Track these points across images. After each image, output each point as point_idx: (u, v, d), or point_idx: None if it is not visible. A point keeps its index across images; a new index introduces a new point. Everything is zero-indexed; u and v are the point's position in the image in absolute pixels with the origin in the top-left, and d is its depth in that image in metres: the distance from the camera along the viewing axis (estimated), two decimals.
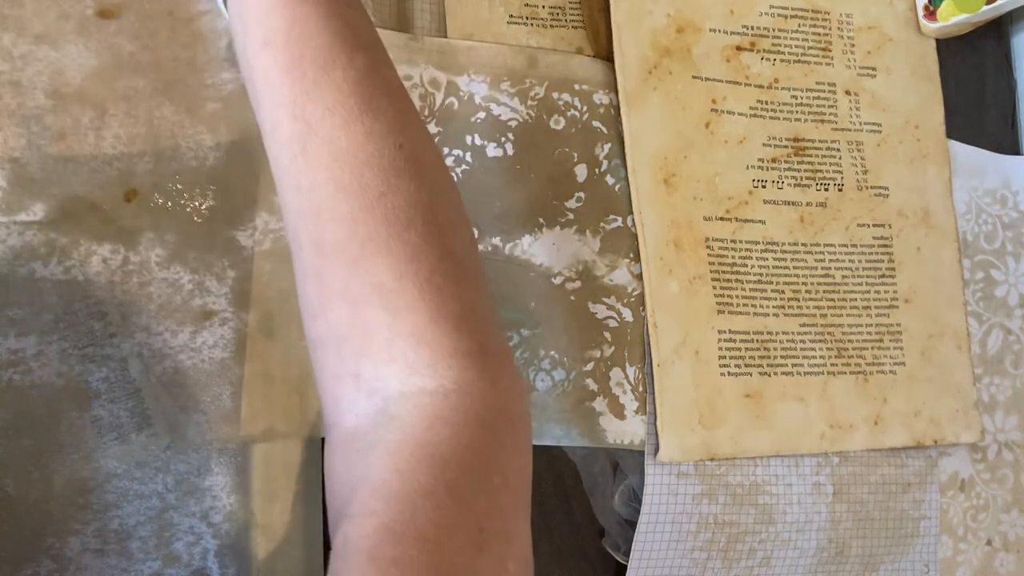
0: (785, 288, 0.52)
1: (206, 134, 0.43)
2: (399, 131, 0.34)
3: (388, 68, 0.36)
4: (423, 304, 0.32)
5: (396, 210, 0.32)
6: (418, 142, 0.35)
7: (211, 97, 0.43)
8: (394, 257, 0.32)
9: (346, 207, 0.32)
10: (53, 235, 0.40)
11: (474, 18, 0.50)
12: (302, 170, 0.33)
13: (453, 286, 0.33)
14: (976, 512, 0.55)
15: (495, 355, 0.33)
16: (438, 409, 0.31)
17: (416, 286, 0.32)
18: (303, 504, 0.43)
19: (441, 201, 0.34)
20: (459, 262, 0.33)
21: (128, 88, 0.42)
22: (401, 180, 0.33)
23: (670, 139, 0.52)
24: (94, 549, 0.39)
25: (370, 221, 0.32)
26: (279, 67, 0.34)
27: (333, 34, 0.34)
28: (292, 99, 0.33)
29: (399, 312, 0.32)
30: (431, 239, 0.33)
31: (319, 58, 0.34)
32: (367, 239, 0.32)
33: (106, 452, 0.40)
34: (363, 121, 0.33)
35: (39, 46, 0.41)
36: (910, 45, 0.58)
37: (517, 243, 0.48)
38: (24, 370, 0.39)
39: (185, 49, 0.43)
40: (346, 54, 0.34)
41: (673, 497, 0.48)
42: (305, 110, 0.33)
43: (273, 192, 0.44)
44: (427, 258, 0.32)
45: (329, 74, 0.33)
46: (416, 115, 0.36)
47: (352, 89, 0.34)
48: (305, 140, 0.33)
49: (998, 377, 0.57)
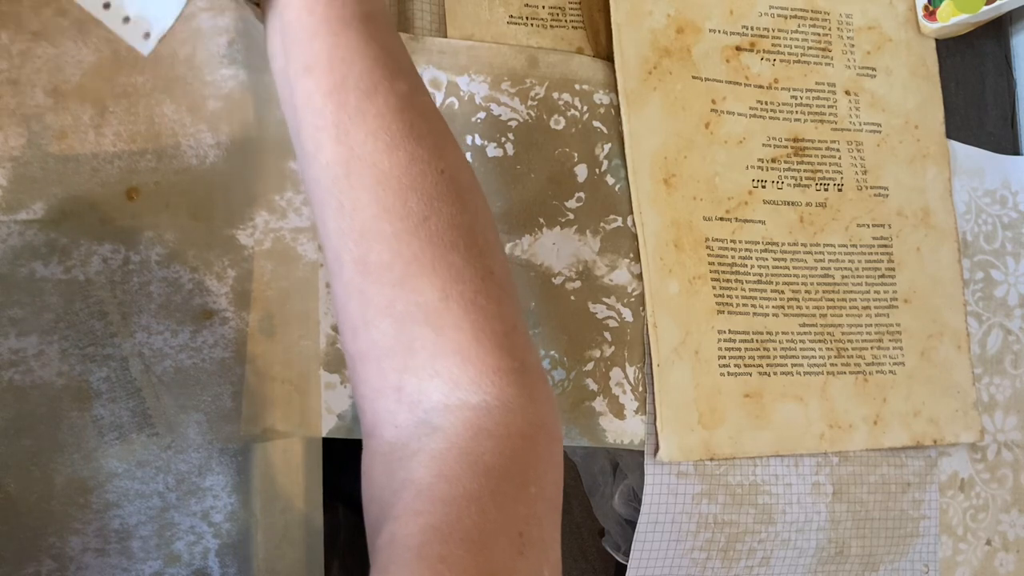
0: (785, 288, 0.52)
1: (207, 132, 0.43)
2: (440, 156, 0.35)
3: (425, 93, 0.37)
4: (467, 323, 0.33)
5: (440, 232, 0.34)
6: (457, 166, 0.36)
7: (211, 95, 0.43)
8: (439, 277, 0.33)
9: (390, 228, 0.34)
10: (53, 234, 0.40)
11: (474, 18, 0.50)
12: (345, 192, 0.34)
13: (495, 305, 0.34)
14: (976, 512, 0.55)
15: (533, 372, 0.35)
16: (481, 422, 0.32)
17: (460, 306, 0.33)
18: (303, 503, 0.43)
19: (480, 223, 0.35)
20: (499, 282, 0.35)
21: (127, 85, 0.42)
22: (443, 204, 0.34)
23: (670, 139, 0.52)
24: (95, 548, 0.39)
25: (414, 243, 0.33)
26: (322, 91, 0.35)
27: (375, 60, 0.35)
28: (335, 123, 0.34)
29: (444, 330, 0.33)
30: (473, 260, 0.34)
31: (362, 83, 0.35)
32: (412, 259, 0.33)
33: (107, 452, 0.40)
34: (406, 146, 0.34)
35: (37, 43, 0.41)
36: (910, 45, 0.58)
37: (517, 243, 0.48)
38: (25, 370, 0.39)
39: (184, 45, 0.43)
40: (388, 79, 0.35)
41: (673, 497, 0.48)
42: (348, 134, 0.34)
43: (274, 191, 0.44)
44: (470, 279, 0.34)
45: (372, 99, 0.34)
46: (453, 138, 0.37)
47: (394, 115, 0.34)
48: (348, 163, 0.34)
49: (998, 377, 0.57)
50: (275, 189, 0.44)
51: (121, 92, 0.42)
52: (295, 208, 0.44)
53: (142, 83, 0.42)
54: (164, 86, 0.43)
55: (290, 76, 0.36)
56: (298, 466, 0.43)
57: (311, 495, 0.43)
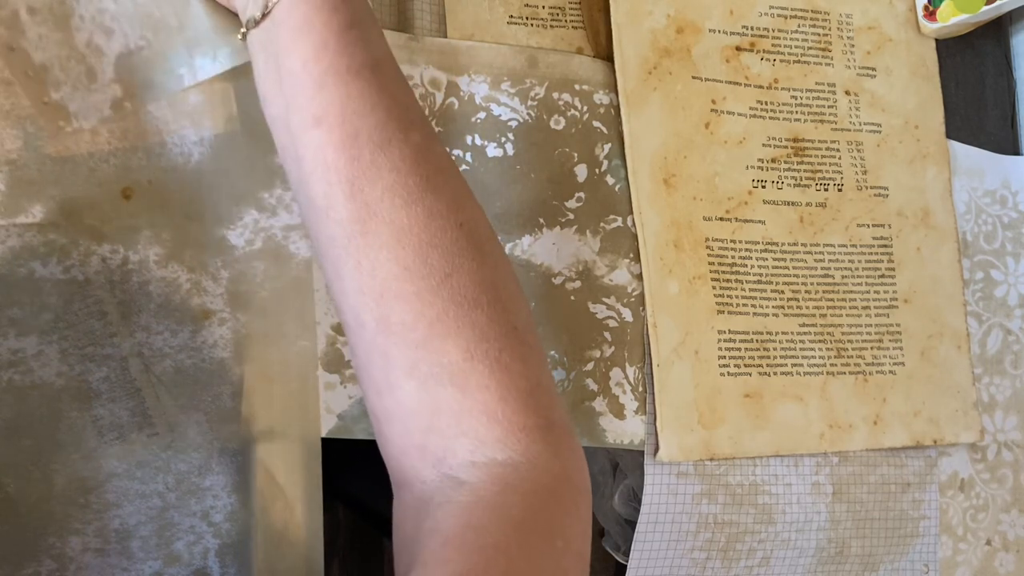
0: (785, 288, 0.52)
1: (189, 128, 0.42)
2: (458, 208, 0.34)
3: (438, 143, 0.36)
4: (494, 383, 0.33)
5: (462, 290, 0.33)
6: (475, 217, 0.35)
7: (191, 89, 0.42)
8: (463, 338, 0.33)
9: (411, 287, 0.33)
10: (52, 235, 0.40)
11: (474, 18, 0.50)
12: (362, 250, 0.33)
13: (520, 363, 0.33)
14: (976, 512, 0.55)
15: (559, 428, 0.34)
16: (508, 478, 0.32)
17: (486, 365, 0.33)
18: (303, 503, 0.43)
19: (501, 275, 0.35)
20: (523, 337, 0.34)
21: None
22: (465, 259, 0.33)
23: (670, 139, 0.52)
24: (95, 548, 0.39)
25: (437, 303, 0.33)
26: (334, 145, 0.34)
27: (387, 111, 0.34)
28: (349, 178, 0.33)
29: (470, 390, 0.33)
30: (497, 317, 0.33)
31: (375, 136, 0.33)
32: (435, 320, 0.33)
33: (106, 452, 0.40)
34: (424, 201, 0.33)
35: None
36: (910, 45, 0.58)
37: (517, 243, 0.48)
38: (24, 370, 0.39)
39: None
40: (401, 131, 0.34)
41: (673, 497, 0.48)
42: (363, 191, 0.33)
43: (262, 188, 0.44)
44: (495, 336, 0.33)
45: (386, 152, 0.33)
46: (468, 188, 0.36)
47: (410, 168, 0.34)
48: (365, 220, 0.33)
49: (998, 377, 0.57)
50: (263, 186, 0.44)
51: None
52: (285, 205, 0.44)
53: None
54: (146, 83, 0.42)
55: (293, 127, 0.34)
56: (298, 466, 0.43)
57: (311, 495, 0.43)
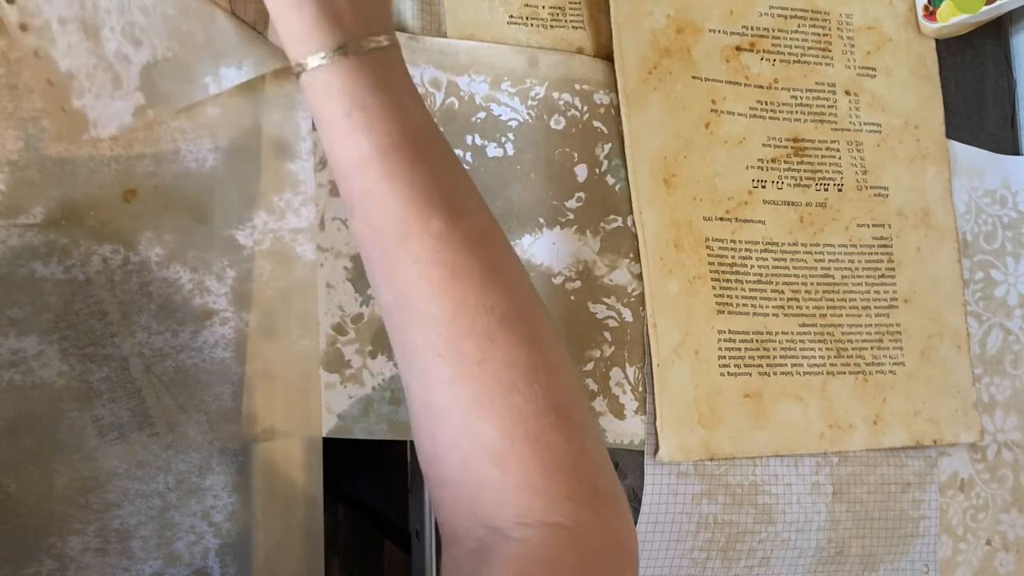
0: (785, 288, 0.52)
1: (207, 138, 0.43)
2: (487, 291, 0.34)
3: (464, 219, 0.35)
4: (534, 460, 0.33)
5: (496, 374, 0.33)
6: (508, 294, 0.35)
7: (210, 102, 0.43)
8: (500, 419, 0.33)
9: (446, 373, 0.34)
10: (53, 235, 0.40)
11: (474, 18, 0.50)
12: (401, 333, 0.35)
13: (561, 437, 0.34)
14: (976, 512, 0.55)
15: (606, 495, 0.35)
16: (556, 537, 0.33)
17: (526, 444, 0.33)
18: (303, 503, 0.43)
19: (539, 347, 0.35)
20: (565, 413, 0.34)
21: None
22: (496, 345, 0.34)
23: (670, 139, 0.52)
24: (95, 548, 0.39)
25: (472, 387, 0.33)
26: (363, 238, 0.35)
27: (404, 201, 0.34)
28: (381, 269, 0.35)
29: (509, 468, 0.33)
30: (534, 398, 0.34)
31: (396, 230, 0.34)
32: (472, 403, 0.33)
33: (107, 452, 0.40)
34: (450, 291, 0.34)
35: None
36: (910, 45, 0.58)
37: (517, 243, 0.48)
38: (25, 370, 0.39)
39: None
40: (421, 221, 0.34)
41: (673, 497, 0.48)
42: (394, 279, 0.34)
43: (272, 192, 0.44)
44: (532, 416, 0.33)
45: (407, 246, 0.34)
46: (499, 261, 0.36)
47: (433, 258, 0.34)
48: (401, 308, 0.35)
49: (998, 377, 0.57)
50: (274, 190, 0.44)
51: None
52: (294, 209, 0.44)
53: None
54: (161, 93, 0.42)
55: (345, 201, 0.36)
56: (298, 466, 0.43)
57: (311, 495, 0.43)
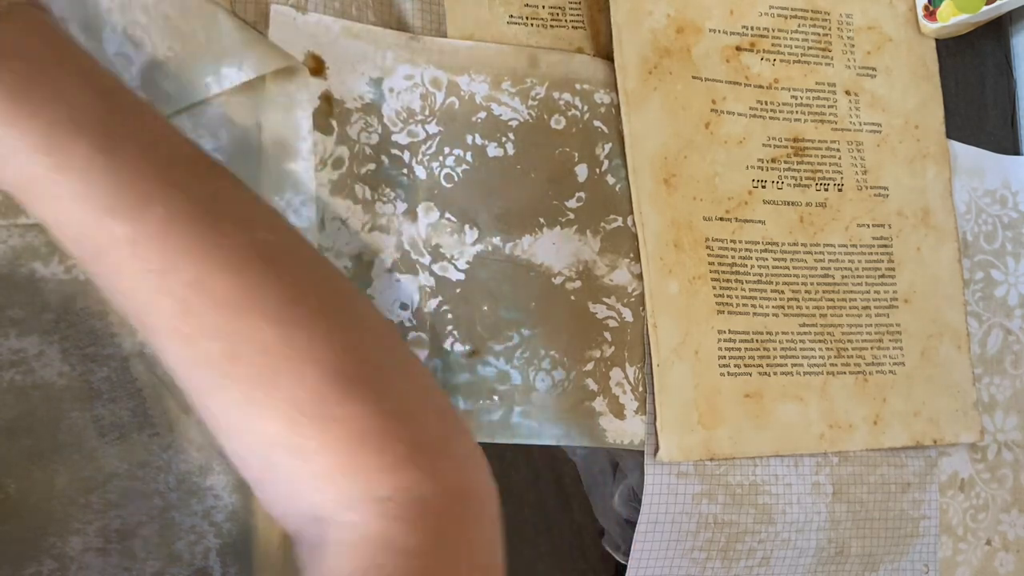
0: (785, 288, 0.52)
1: (207, 138, 0.43)
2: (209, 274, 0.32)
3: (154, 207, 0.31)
4: (330, 440, 0.31)
5: (253, 364, 0.31)
6: (224, 265, 0.32)
7: (210, 102, 0.43)
8: (276, 410, 0.31)
9: (206, 381, 0.33)
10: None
11: (474, 18, 0.50)
12: (160, 355, 0.34)
13: (353, 406, 0.31)
14: (976, 512, 0.56)
15: (429, 445, 0.33)
16: (384, 509, 0.31)
17: (314, 426, 0.31)
18: None
19: (297, 318, 0.32)
20: (353, 378, 0.32)
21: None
22: (239, 335, 0.32)
23: (670, 139, 0.52)
24: (96, 548, 0.39)
25: (236, 387, 0.32)
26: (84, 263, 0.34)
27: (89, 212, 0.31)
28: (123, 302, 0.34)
29: (308, 455, 0.31)
30: (303, 377, 0.31)
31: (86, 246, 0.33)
32: (243, 403, 0.32)
33: (108, 451, 0.40)
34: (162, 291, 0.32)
35: None
36: (910, 45, 0.58)
37: (517, 243, 0.48)
38: (25, 370, 0.39)
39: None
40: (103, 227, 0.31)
41: (673, 497, 0.48)
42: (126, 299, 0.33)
43: (273, 192, 0.44)
44: (310, 396, 0.31)
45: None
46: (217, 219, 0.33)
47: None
48: (145, 333, 0.35)
49: (998, 377, 0.57)
50: (274, 190, 0.44)
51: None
52: (294, 208, 0.44)
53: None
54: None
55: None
56: None
57: None
